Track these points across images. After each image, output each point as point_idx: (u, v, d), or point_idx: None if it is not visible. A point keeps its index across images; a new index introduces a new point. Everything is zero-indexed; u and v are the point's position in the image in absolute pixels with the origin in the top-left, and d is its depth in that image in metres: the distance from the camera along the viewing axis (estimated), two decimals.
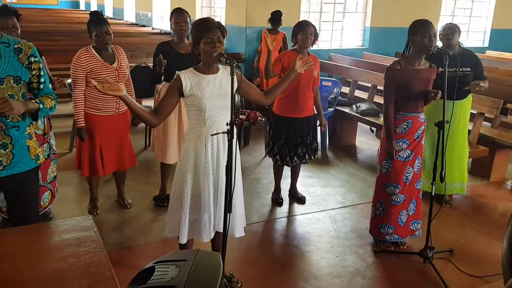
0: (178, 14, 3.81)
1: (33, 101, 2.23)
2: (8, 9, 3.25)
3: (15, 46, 2.21)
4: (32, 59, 2.25)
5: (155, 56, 3.85)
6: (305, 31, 3.79)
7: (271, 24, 6.68)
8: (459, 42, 4.05)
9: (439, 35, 4.00)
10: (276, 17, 6.63)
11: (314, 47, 3.93)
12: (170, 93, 2.63)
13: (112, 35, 3.57)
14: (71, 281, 1.47)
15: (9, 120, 2.20)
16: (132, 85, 3.81)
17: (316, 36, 3.87)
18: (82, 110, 3.55)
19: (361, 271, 3.24)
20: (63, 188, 4.08)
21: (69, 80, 3.99)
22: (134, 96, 3.81)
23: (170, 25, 3.89)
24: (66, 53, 6.12)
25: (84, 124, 3.56)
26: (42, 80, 2.31)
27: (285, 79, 2.89)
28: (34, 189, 2.44)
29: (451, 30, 3.97)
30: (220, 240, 2.70)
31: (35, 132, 3.30)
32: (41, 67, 2.30)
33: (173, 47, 3.83)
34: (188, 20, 3.82)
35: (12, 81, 2.18)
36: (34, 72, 2.27)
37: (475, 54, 4.14)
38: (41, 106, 2.24)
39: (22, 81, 2.22)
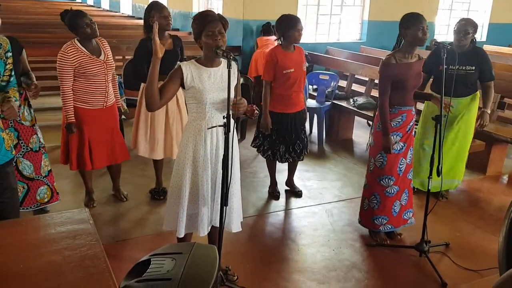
0: (162, 8, 3.68)
1: (13, 99, 2.34)
2: None
3: None
4: (9, 54, 2.33)
5: (140, 54, 3.70)
6: (297, 28, 3.74)
7: (263, 34, 7.12)
8: (474, 39, 3.95)
9: (454, 29, 3.93)
10: (266, 29, 7.11)
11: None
12: (172, 80, 2.58)
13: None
14: (66, 273, 1.46)
15: None
16: (116, 77, 3.77)
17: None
18: (72, 106, 3.49)
19: (357, 265, 3.25)
20: (59, 182, 4.04)
21: None
22: (117, 86, 3.78)
23: (150, 19, 3.66)
24: (61, 45, 6.05)
25: (74, 120, 3.50)
26: (12, 73, 2.41)
27: None
28: (13, 181, 2.43)
29: (466, 27, 3.85)
30: (216, 234, 2.69)
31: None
32: (12, 61, 2.38)
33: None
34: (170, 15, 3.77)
35: None
36: (7, 67, 2.34)
37: (485, 52, 4.03)
38: (18, 103, 2.39)
39: (1, 76, 2.28)
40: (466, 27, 3.85)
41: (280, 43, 3.85)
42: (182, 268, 1.83)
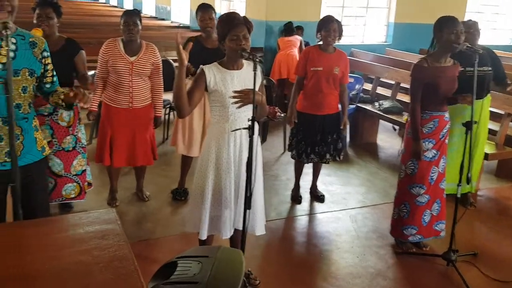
0: (203, 11, 3.76)
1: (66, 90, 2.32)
2: (45, 0, 3.33)
3: (30, 40, 2.24)
4: (45, 53, 2.29)
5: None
6: (328, 28, 3.72)
7: (285, 35, 7.06)
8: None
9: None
10: (288, 29, 7.04)
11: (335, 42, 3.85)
12: (196, 86, 2.59)
13: (139, 28, 3.55)
14: (95, 274, 1.44)
15: (20, 111, 2.21)
16: (160, 83, 3.74)
17: (340, 32, 3.79)
18: (98, 96, 3.63)
19: (382, 272, 3.18)
20: None
21: (92, 72, 4.00)
22: (160, 94, 3.77)
23: (197, 21, 3.85)
24: (86, 46, 6.10)
25: (95, 109, 3.65)
26: (54, 73, 2.38)
27: None
28: (42, 180, 2.44)
29: (473, 28, 3.79)
30: (239, 238, 2.67)
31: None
32: (50, 61, 2.35)
33: (201, 42, 3.80)
34: (214, 15, 3.77)
35: (27, 73, 2.21)
36: (48, 67, 2.32)
37: (493, 52, 4.04)
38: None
39: (35, 75, 2.25)
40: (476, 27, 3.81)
41: (320, 43, 3.88)
42: (209, 272, 1.81)
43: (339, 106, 4.02)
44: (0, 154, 2.19)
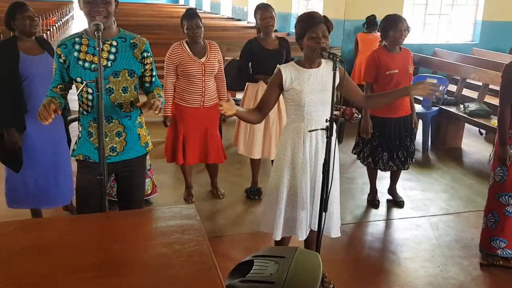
0: (264, 10, 3.75)
1: (156, 95, 2.37)
2: None
3: (131, 41, 2.33)
4: (145, 54, 2.36)
5: (243, 54, 3.88)
6: (398, 28, 3.55)
7: (366, 28, 6.80)
8: None
9: None
10: (370, 23, 6.75)
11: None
12: (271, 88, 2.62)
13: (203, 29, 3.62)
14: (176, 267, 1.48)
15: (122, 110, 2.32)
16: (224, 80, 3.82)
17: (408, 31, 3.62)
18: (170, 101, 3.69)
19: (465, 285, 2.98)
20: (160, 176, 4.24)
21: None
22: (225, 90, 3.83)
23: (256, 20, 3.84)
24: (167, 46, 6.33)
25: (170, 114, 3.71)
26: (153, 73, 2.45)
27: (394, 94, 2.84)
28: (142, 175, 2.55)
29: None
30: (314, 239, 2.64)
31: None
32: (152, 61, 2.41)
33: (261, 44, 3.81)
34: (274, 14, 3.77)
35: (126, 74, 2.30)
36: (147, 67, 2.39)
37: None
38: (162, 99, 2.38)
39: (135, 75, 2.34)
40: None
41: (384, 44, 3.72)
42: (286, 273, 1.79)
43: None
44: (105, 148, 2.29)
